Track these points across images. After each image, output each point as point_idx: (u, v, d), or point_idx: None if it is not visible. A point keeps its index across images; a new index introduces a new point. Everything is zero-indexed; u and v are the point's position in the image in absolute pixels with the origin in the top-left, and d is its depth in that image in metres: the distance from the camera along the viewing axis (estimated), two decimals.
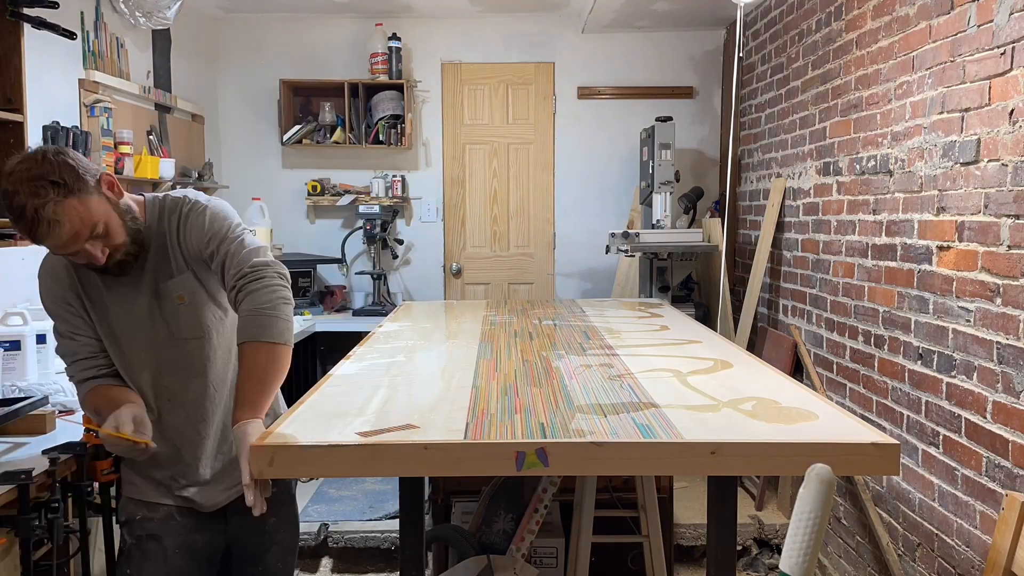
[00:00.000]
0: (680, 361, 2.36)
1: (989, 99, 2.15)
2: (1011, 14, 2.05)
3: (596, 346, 2.61)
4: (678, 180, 4.21)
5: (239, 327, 1.67)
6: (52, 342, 2.69)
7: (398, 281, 4.89)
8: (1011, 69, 2.06)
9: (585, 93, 4.82)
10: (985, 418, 2.16)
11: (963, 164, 2.27)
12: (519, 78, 4.83)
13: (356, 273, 4.77)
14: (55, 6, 2.35)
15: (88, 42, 3.27)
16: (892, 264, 2.69)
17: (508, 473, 1.55)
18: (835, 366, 3.13)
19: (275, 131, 4.75)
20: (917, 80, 2.53)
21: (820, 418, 1.72)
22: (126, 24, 3.55)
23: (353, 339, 3.37)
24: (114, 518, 1.97)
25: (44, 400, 2.11)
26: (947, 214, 2.35)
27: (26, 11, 2.32)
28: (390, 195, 4.75)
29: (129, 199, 1.73)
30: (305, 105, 4.80)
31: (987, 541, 2.16)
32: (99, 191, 1.63)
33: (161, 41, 3.97)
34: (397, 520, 2.95)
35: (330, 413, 1.78)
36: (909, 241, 2.58)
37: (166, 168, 3.71)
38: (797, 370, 3.48)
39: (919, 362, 2.51)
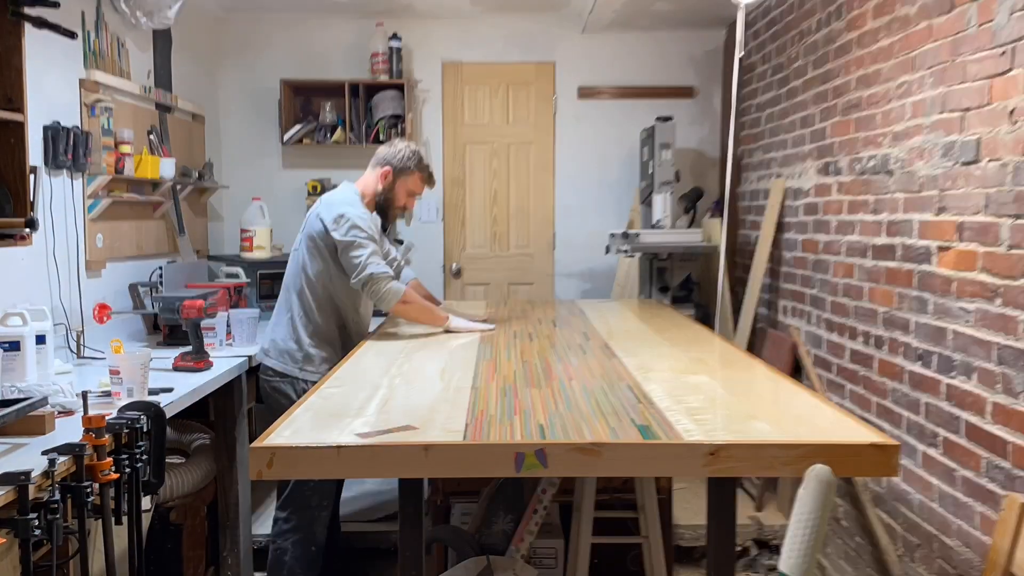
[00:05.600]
0: (679, 362, 2.36)
1: (989, 99, 2.15)
2: (1011, 14, 2.05)
3: (595, 347, 2.61)
4: (678, 180, 4.21)
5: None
6: (52, 342, 2.70)
7: None
8: (1011, 69, 2.05)
9: (585, 93, 4.82)
10: (985, 419, 2.16)
11: (963, 164, 2.27)
12: (519, 78, 4.83)
13: None
14: (56, 6, 2.35)
15: (89, 42, 3.26)
16: (892, 264, 2.69)
17: (507, 474, 1.55)
18: (834, 367, 3.12)
19: (275, 131, 4.75)
20: (917, 80, 2.53)
21: (820, 419, 1.72)
22: (127, 24, 3.55)
23: None
24: (113, 519, 1.97)
25: (44, 400, 2.11)
26: (947, 214, 2.35)
27: (26, 11, 2.31)
28: None
29: None
30: (305, 105, 4.80)
31: (987, 542, 2.16)
32: None
33: (162, 41, 3.97)
34: (397, 520, 2.95)
35: (330, 413, 1.78)
36: (909, 241, 2.57)
37: (166, 168, 3.71)
38: (796, 371, 3.47)
39: (919, 363, 2.51)
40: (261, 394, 3.00)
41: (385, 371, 2.25)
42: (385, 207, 3.04)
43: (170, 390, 2.54)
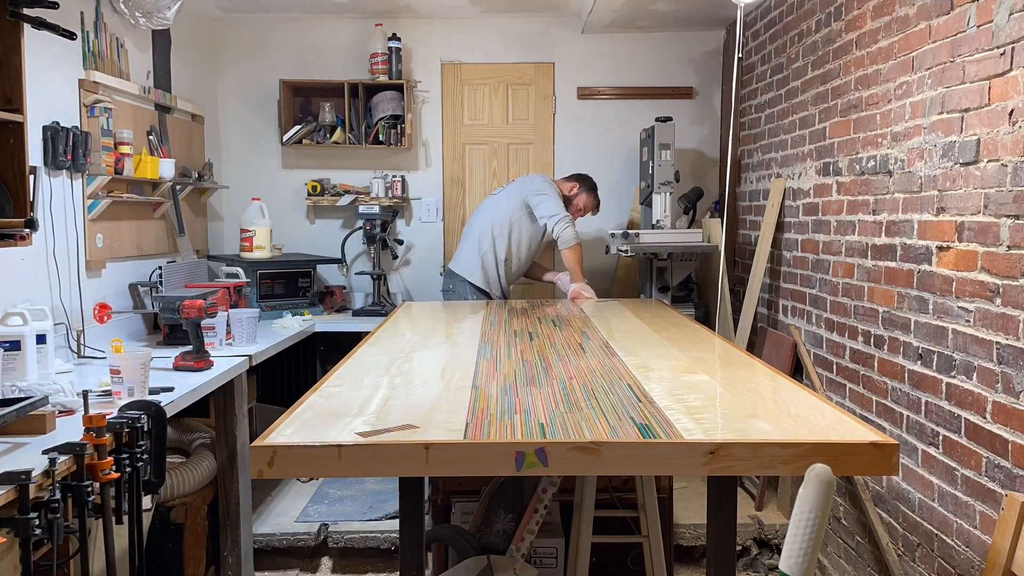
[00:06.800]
0: (679, 361, 2.37)
1: (989, 99, 2.15)
2: (1011, 14, 2.05)
3: (596, 346, 2.62)
4: (678, 180, 4.21)
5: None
6: (52, 342, 2.70)
7: (398, 281, 4.89)
8: (1011, 69, 2.06)
9: (585, 93, 4.83)
10: (985, 418, 2.17)
11: (963, 164, 2.27)
12: (519, 78, 4.83)
13: (356, 273, 4.77)
14: (55, 6, 2.35)
15: (88, 42, 3.27)
16: (892, 264, 2.69)
17: (508, 473, 1.55)
18: (835, 366, 3.13)
19: (275, 131, 4.75)
20: (917, 80, 2.54)
21: (820, 418, 1.72)
22: (126, 24, 3.56)
23: (353, 339, 3.38)
24: (114, 518, 1.97)
25: (44, 400, 2.11)
26: (947, 214, 2.36)
27: (26, 11, 2.31)
28: (390, 195, 4.75)
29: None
30: (305, 105, 4.81)
31: (987, 541, 2.17)
32: None
33: (161, 41, 3.97)
34: (397, 520, 2.95)
35: (330, 413, 1.78)
36: (909, 241, 2.58)
37: (166, 168, 3.72)
38: (797, 370, 3.48)
39: (919, 362, 2.51)
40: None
41: (385, 370, 2.25)
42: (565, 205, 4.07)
43: (171, 389, 2.54)
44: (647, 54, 4.78)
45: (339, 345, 4.03)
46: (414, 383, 2.10)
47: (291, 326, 3.92)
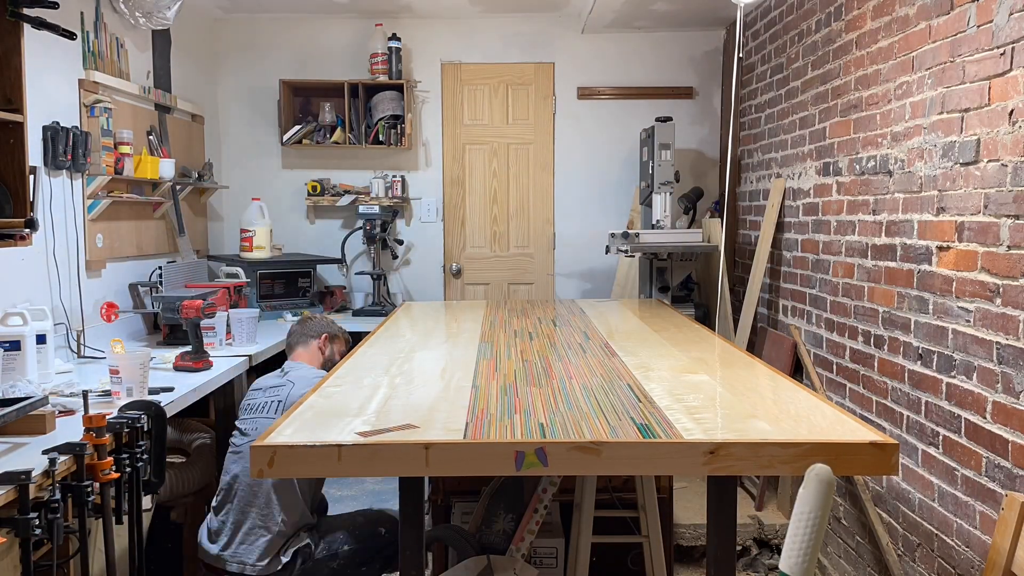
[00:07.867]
0: (679, 361, 2.37)
1: (989, 99, 2.15)
2: (1011, 14, 2.05)
3: (596, 346, 2.62)
4: (678, 180, 4.21)
5: None
6: (52, 342, 2.70)
7: (398, 281, 4.89)
8: (1011, 69, 2.06)
9: (585, 93, 4.83)
10: (985, 418, 2.17)
11: (963, 164, 2.27)
12: (519, 78, 4.83)
13: (356, 273, 4.77)
14: (55, 6, 2.35)
15: (88, 42, 3.27)
16: (892, 264, 2.69)
17: (508, 473, 1.55)
18: (835, 366, 3.13)
19: (275, 131, 4.75)
20: (917, 80, 2.53)
21: (820, 418, 1.72)
22: (126, 24, 3.56)
23: (353, 339, 3.37)
24: (114, 518, 1.97)
25: (44, 400, 2.11)
26: (947, 214, 2.35)
27: (26, 11, 2.31)
28: (390, 195, 4.75)
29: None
30: (305, 105, 4.81)
31: (987, 541, 2.16)
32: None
33: (161, 41, 3.97)
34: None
35: (330, 413, 1.78)
36: (909, 241, 2.58)
37: (166, 168, 3.72)
38: (797, 370, 3.48)
39: (919, 362, 2.51)
40: None
41: (386, 370, 2.25)
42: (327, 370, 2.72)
43: (170, 389, 2.54)
44: (647, 54, 4.78)
45: None
46: (414, 383, 2.10)
47: None
